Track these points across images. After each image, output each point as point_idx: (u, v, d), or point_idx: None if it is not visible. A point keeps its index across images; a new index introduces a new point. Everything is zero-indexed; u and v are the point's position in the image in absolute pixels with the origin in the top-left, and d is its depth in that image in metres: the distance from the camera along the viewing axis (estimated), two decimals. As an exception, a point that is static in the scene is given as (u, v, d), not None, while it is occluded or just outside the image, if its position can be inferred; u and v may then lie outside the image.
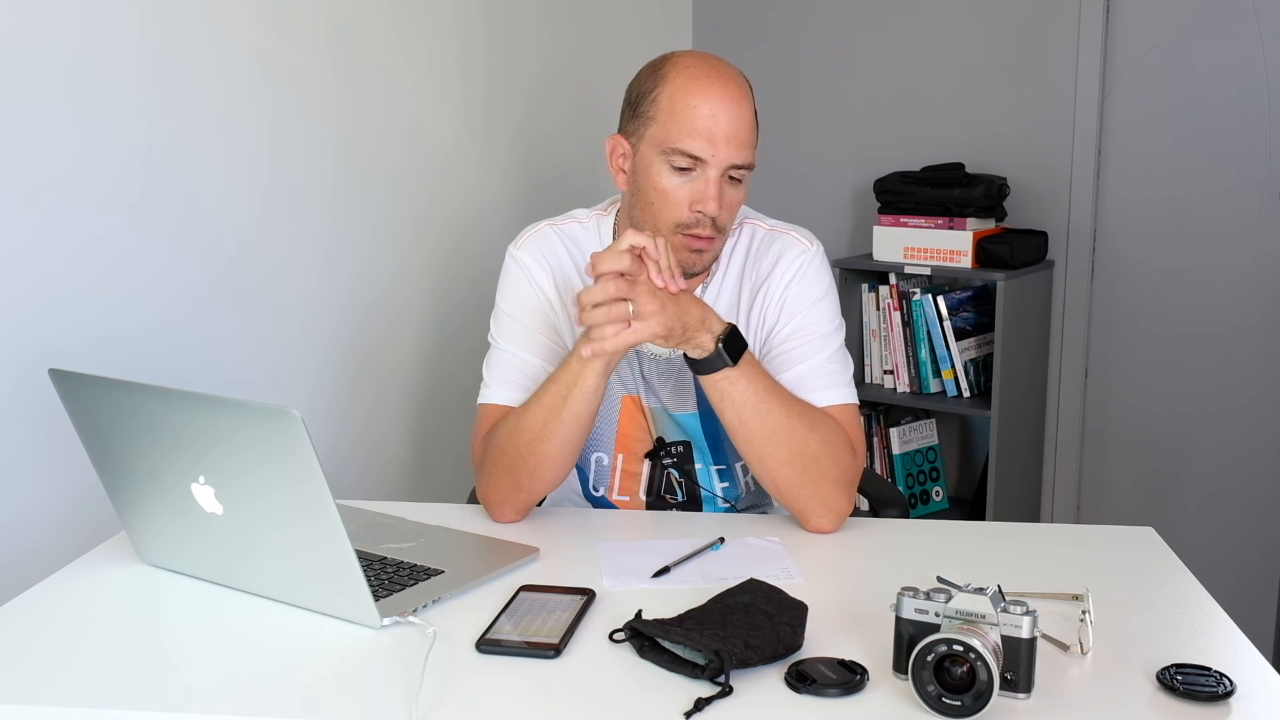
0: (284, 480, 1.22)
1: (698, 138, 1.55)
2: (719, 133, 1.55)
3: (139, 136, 1.94)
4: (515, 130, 2.79)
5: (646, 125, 1.60)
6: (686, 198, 1.57)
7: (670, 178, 1.58)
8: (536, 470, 1.57)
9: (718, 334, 1.50)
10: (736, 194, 1.61)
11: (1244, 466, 2.92)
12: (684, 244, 1.59)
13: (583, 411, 1.54)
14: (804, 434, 1.53)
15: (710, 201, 1.56)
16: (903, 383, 3.05)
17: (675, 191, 1.58)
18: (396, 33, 2.44)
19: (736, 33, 3.36)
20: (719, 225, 1.59)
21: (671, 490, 1.75)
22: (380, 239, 2.45)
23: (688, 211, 1.58)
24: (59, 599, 1.37)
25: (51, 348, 1.78)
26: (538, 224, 1.75)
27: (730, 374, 1.51)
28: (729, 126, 1.56)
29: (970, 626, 1.09)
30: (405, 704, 1.10)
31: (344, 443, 2.40)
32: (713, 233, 1.59)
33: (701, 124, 1.55)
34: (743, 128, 1.57)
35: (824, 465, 1.54)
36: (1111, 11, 2.92)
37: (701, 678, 1.13)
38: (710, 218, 1.57)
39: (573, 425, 1.54)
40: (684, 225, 1.58)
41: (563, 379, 1.53)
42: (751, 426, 1.53)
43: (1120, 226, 3.00)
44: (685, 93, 1.57)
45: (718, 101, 1.56)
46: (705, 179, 1.56)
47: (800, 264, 1.67)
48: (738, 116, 1.57)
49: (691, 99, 1.56)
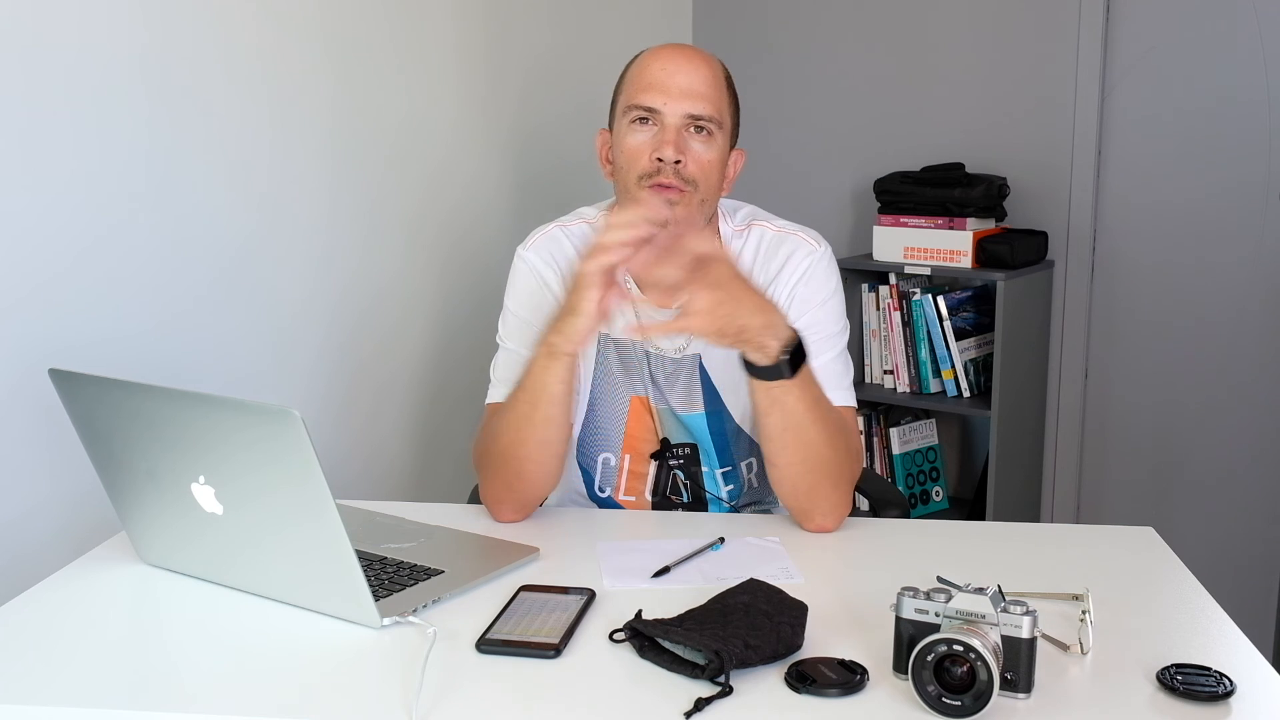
0: (284, 480, 1.22)
1: (652, 90, 1.61)
2: (672, 85, 1.60)
3: (139, 137, 1.94)
4: (513, 126, 2.79)
5: (616, 103, 1.67)
6: (648, 149, 1.61)
7: (633, 135, 1.62)
8: (521, 471, 1.57)
9: (785, 343, 1.46)
10: (705, 150, 1.62)
11: (1244, 466, 2.92)
12: (651, 195, 1.60)
13: (553, 415, 1.54)
14: (830, 441, 1.54)
15: (667, 146, 1.59)
16: (903, 383, 3.05)
17: (638, 146, 1.61)
18: (394, 30, 2.44)
19: (737, 31, 3.36)
20: (686, 176, 1.60)
21: (677, 491, 1.75)
22: (379, 238, 2.45)
23: (649, 161, 1.60)
24: (59, 599, 1.37)
25: (51, 348, 1.78)
26: (546, 226, 1.76)
27: (786, 384, 1.49)
28: (684, 80, 1.60)
29: (970, 626, 1.09)
30: (405, 704, 1.10)
31: (344, 443, 2.40)
32: (679, 182, 1.60)
33: (655, 78, 1.61)
34: (698, 82, 1.61)
35: (840, 469, 1.56)
36: (1111, 11, 2.92)
37: (701, 678, 1.13)
38: (672, 164, 1.59)
39: (544, 428, 1.55)
40: (647, 175, 1.61)
41: (529, 385, 1.54)
42: (792, 435, 1.52)
43: (1120, 226, 3.00)
44: (643, 60, 1.66)
45: (670, 58, 1.63)
46: (663, 127, 1.60)
47: (809, 264, 1.68)
48: (693, 71, 1.62)
49: (647, 61, 1.65)
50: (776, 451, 1.54)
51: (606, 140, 1.70)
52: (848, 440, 1.58)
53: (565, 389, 1.53)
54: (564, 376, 1.52)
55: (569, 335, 1.48)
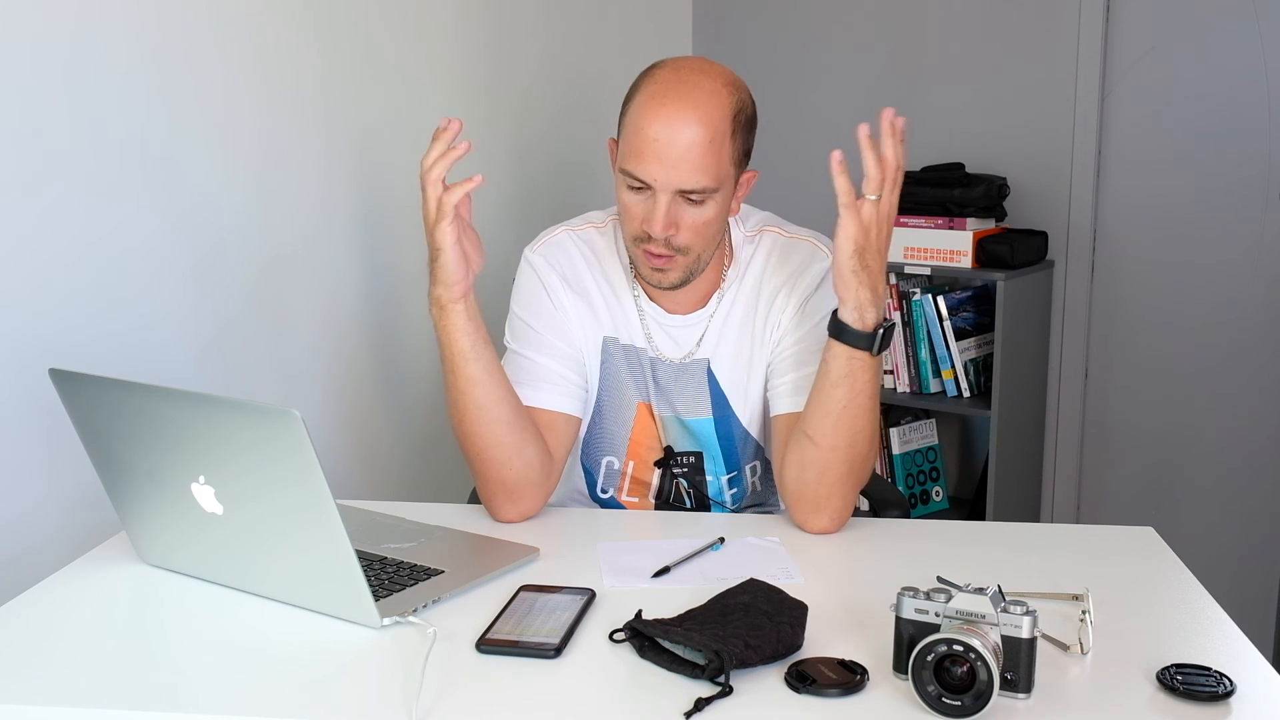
0: (284, 480, 1.22)
1: (645, 161, 1.54)
2: (665, 157, 1.52)
3: (139, 136, 1.94)
4: (514, 128, 2.79)
5: (620, 136, 1.61)
6: (639, 215, 1.58)
7: (628, 195, 1.58)
8: (481, 452, 1.57)
9: (880, 319, 1.49)
10: (699, 214, 1.57)
11: (1244, 466, 2.92)
12: (643, 258, 1.60)
13: (474, 372, 1.53)
14: (870, 438, 1.54)
15: (655, 224, 1.55)
16: (903, 383, 3.05)
17: (632, 208, 1.58)
18: (395, 32, 2.45)
19: (736, 32, 3.36)
20: (676, 245, 1.58)
21: (680, 500, 1.75)
22: (380, 238, 2.45)
23: (640, 228, 1.58)
24: (59, 599, 1.37)
25: (51, 348, 1.78)
26: (554, 229, 1.76)
27: (866, 359, 1.49)
28: (677, 152, 1.52)
29: (970, 626, 1.09)
30: (405, 704, 1.10)
31: (344, 443, 2.40)
32: (668, 251, 1.58)
33: (649, 148, 1.53)
34: (693, 152, 1.52)
35: (864, 469, 1.56)
36: (1111, 11, 2.92)
37: (701, 678, 1.13)
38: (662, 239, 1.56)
39: (474, 391, 1.54)
40: (639, 240, 1.59)
41: (442, 352, 1.55)
42: (849, 414, 1.51)
43: (1120, 226, 3.00)
44: (641, 112, 1.55)
45: (667, 124, 1.52)
46: (654, 200, 1.56)
47: (820, 269, 1.68)
48: (689, 141, 1.52)
49: (643, 120, 1.54)
50: (828, 430, 1.51)
51: (614, 152, 1.65)
52: (875, 445, 1.58)
53: (472, 341, 1.53)
54: (464, 327, 1.52)
55: (442, 279, 1.49)
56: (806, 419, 1.54)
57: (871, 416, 1.53)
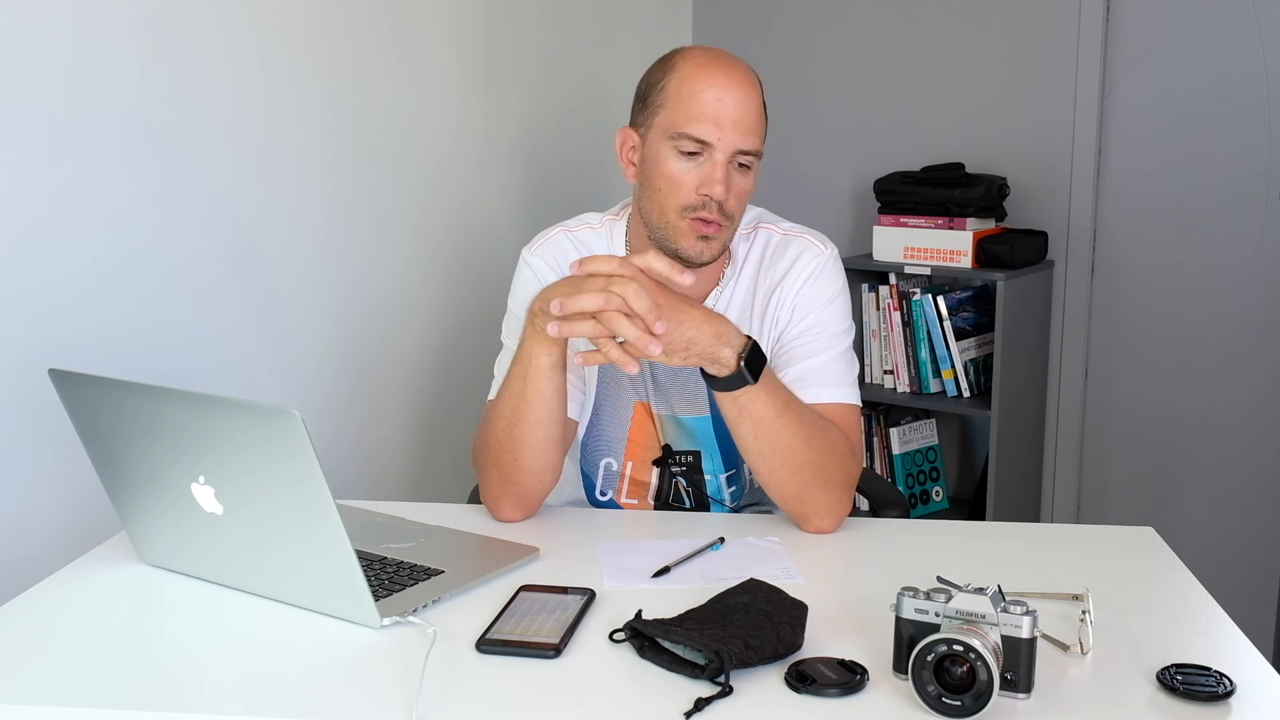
0: (284, 480, 1.22)
1: (705, 121, 1.55)
2: (725, 117, 1.55)
3: (140, 137, 1.94)
4: (515, 126, 2.79)
5: (655, 114, 1.60)
6: (694, 182, 1.57)
7: (678, 163, 1.58)
8: (518, 459, 1.56)
9: (739, 350, 1.47)
10: (745, 182, 1.60)
11: (1244, 466, 2.92)
12: (691, 229, 1.59)
13: (546, 391, 1.53)
14: (814, 444, 1.53)
15: (717, 185, 1.56)
16: (903, 383, 3.05)
17: (683, 176, 1.57)
18: (396, 30, 2.44)
19: (737, 32, 3.36)
20: (726, 212, 1.58)
21: (679, 499, 1.75)
22: (381, 238, 2.45)
23: (694, 194, 1.57)
24: (59, 599, 1.37)
25: (51, 348, 1.78)
26: (551, 229, 1.76)
27: (750, 391, 1.48)
28: (736, 111, 1.55)
29: (970, 626, 1.09)
30: (405, 704, 1.10)
31: (344, 443, 2.40)
32: (720, 218, 1.58)
33: (709, 108, 1.55)
34: (749, 113, 1.57)
35: (829, 472, 1.55)
36: (1111, 11, 2.92)
37: (701, 678, 1.13)
38: (717, 202, 1.56)
39: (539, 406, 1.53)
40: (691, 208, 1.58)
41: (520, 360, 1.53)
42: (767, 441, 1.51)
43: (1120, 226, 3.00)
44: (693, 79, 1.58)
45: (724, 86, 1.56)
46: (712, 163, 1.56)
47: (815, 266, 1.68)
48: (744, 102, 1.56)
49: (698, 84, 1.57)
50: (755, 461, 1.54)
51: (629, 140, 1.65)
52: (832, 441, 1.56)
53: (552, 364, 1.52)
54: (549, 348, 1.51)
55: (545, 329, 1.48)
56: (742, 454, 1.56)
57: (796, 428, 1.51)
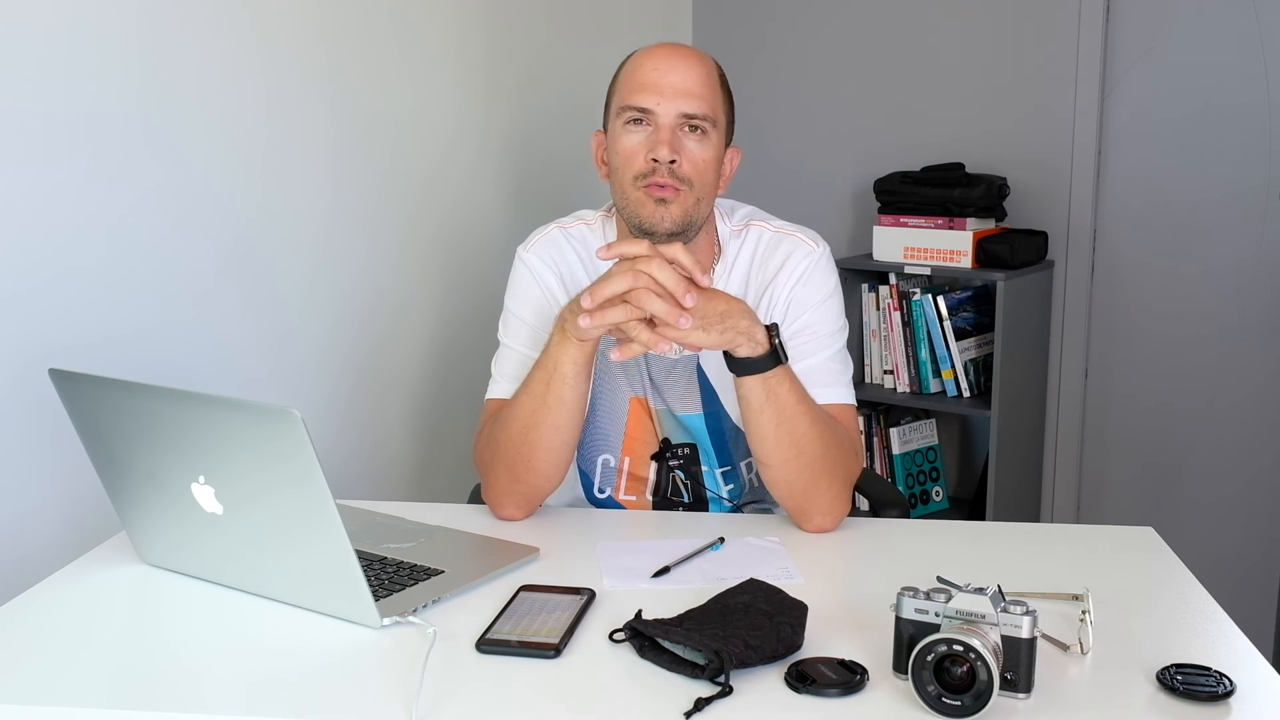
0: (284, 480, 1.22)
1: (644, 90, 1.60)
2: (665, 84, 1.60)
3: (138, 136, 1.94)
4: (511, 126, 2.79)
5: (612, 102, 1.67)
6: (642, 150, 1.61)
7: (628, 137, 1.62)
8: (531, 461, 1.56)
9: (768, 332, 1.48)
10: (700, 149, 1.61)
11: (1244, 466, 2.92)
12: (646, 195, 1.60)
13: (567, 397, 1.53)
14: (826, 437, 1.53)
15: (661, 146, 1.58)
16: (903, 383, 3.05)
17: (633, 147, 1.61)
18: (393, 29, 2.44)
19: (736, 31, 3.36)
20: (680, 175, 1.60)
21: (678, 492, 1.75)
22: (378, 238, 2.45)
23: (644, 161, 1.60)
24: (59, 599, 1.37)
25: (51, 347, 1.78)
26: (546, 227, 1.76)
27: (780, 373, 1.49)
28: (676, 79, 1.60)
29: (970, 626, 1.09)
30: (405, 704, 1.10)
31: (344, 443, 2.40)
32: (674, 181, 1.59)
33: (647, 78, 1.61)
34: (691, 80, 1.61)
35: (837, 467, 1.55)
36: (1111, 12, 2.92)
37: (701, 678, 1.13)
38: (667, 164, 1.58)
39: (559, 411, 1.53)
40: (643, 176, 1.60)
41: (544, 364, 1.53)
42: (786, 429, 1.51)
43: (1120, 226, 3.00)
44: (635, 61, 1.65)
45: (663, 57, 1.62)
46: (656, 127, 1.60)
47: (807, 265, 1.68)
48: (685, 70, 1.61)
49: (639, 62, 1.64)
50: (771, 451, 1.53)
51: (602, 142, 1.69)
52: (839, 436, 1.57)
53: (576, 370, 1.52)
54: (576, 357, 1.51)
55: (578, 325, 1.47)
56: (752, 449, 1.55)
57: (812, 420, 1.52)
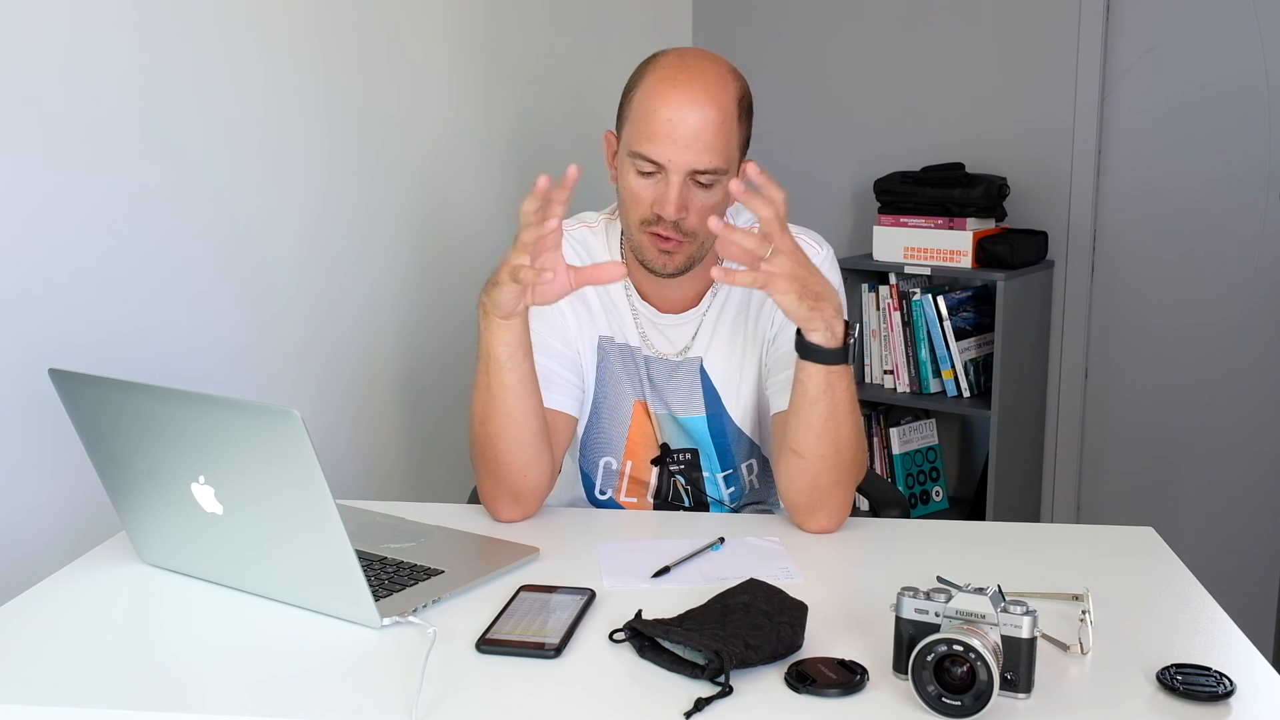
0: (284, 480, 1.22)
1: (656, 142, 1.55)
2: (678, 138, 1.54)
3: (137, 137, 1.94)
4: (510, 126, 2.79)
5: (624, 125, 1.61)
6: (649, 199, 1.58)
7: (636, 179, 1.58)
8: (497, 454, 1.55)
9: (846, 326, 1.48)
10: (708, 198, 1.58)
11: (1244, 467, 2.92)
12: (650, 242, 1.60)
13: (509, 381, 1.52)
14: (858, 440, 1.54)
15: (668, 205, 1.55)
16: (903, 383, 3.05)
17: (641, 192, 1.58)
18: (391, 29, 2.44)
19: (737, 32, 3.36)
20: (685, 229, 1.58)
21: (678, 497, 1.75)
22: (378, 238, 2.45)
23: (650, 211, 1.58)
24: (59, 599, 1.37)
25: (51, 348, 1.78)
26: None
27: (841, 370, 1.48)
28: (689, 132, 1.54)
29: (970, 626, 1.09)
30: (405, 704, 1.10)
31: (344, 443, 2.40)
32: (677, 235, 1.58)
33: (661, 128, 1.54)
34: (706, 132, 1.54)
35: (857, 470, 1.56)
36: (1111, 11, 2.92)
37: (701, 678, 1.13)
38: (672, 221, 1.56)
39: (505, 398, 1.53)
40: (648, 223, 1.59)
41: (480, 355, 1.53)
42: (832, 426, 1.50)
43: (1120, 226, 3.00)
44: (650, 95, 1.57)
45: (679, 105, 1.54)
46: (666, 183, 1.56)
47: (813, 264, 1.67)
48: (701, 122, 1.54)
49: (654, 102, 1.55)
50: (813, 444, 1.51)
51: (612, 144, 1.66)
52: (864, 445, 1.58)
53: (510, 352, 1.51)
54: (504, 338, 1.50)
55: (495, 296, 1.47)
56: (790, 435, 1.53)
57: (855, 420, 1.52)
